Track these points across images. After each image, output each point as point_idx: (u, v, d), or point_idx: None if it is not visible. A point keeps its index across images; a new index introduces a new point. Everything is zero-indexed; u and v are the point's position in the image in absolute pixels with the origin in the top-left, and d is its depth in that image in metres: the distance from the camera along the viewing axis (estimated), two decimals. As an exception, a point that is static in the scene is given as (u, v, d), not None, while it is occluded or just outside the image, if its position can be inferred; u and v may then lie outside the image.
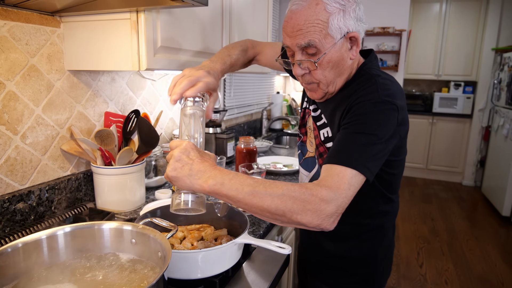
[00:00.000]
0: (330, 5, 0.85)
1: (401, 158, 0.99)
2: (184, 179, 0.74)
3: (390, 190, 1.01)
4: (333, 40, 0.88)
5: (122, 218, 1.18)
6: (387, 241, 1.08)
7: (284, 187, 0.73)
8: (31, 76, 1.09)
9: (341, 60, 0.91)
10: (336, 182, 0.76)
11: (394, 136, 0.86)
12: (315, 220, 0.72)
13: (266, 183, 0.74)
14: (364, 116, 0.84)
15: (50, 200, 1.16)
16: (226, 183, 0.73)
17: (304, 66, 0.93)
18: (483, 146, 5.05)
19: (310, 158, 1.12)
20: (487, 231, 3.72)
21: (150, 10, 1.05)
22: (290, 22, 0.90)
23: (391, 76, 0.97)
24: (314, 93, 1.00)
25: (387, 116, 0.84)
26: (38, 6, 1.05)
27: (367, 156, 0.80)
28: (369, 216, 1.03)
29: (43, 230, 0.70)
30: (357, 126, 0.84)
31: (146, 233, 0.72)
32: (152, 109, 1.65)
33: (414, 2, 5.11)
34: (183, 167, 0.74)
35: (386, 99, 0.85)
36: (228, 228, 1.04)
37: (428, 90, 5.65)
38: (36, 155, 1.13)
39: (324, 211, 0.72)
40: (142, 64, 1.07)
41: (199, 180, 0.74)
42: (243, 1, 1.66)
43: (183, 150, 0.76)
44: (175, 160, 0.75)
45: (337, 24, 0.86)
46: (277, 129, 3.09)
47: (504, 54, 4.48)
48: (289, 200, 0.72)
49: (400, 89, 0.92)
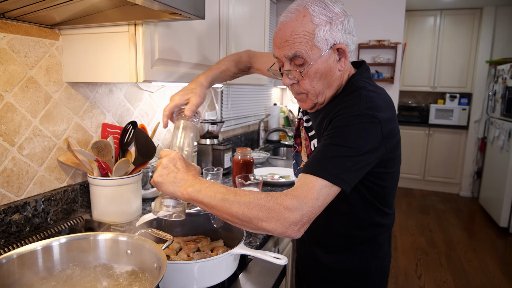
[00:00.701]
0: (316, 17, 0.88)
1: (393, 171, 0.97)
2: (168, 185, 0.81)
3: (382, 202, 1.00)
4: (320, 51, 0.89)
5: (119, 229, 1.18)
6: (382, 254, 1.07)
7: (252, 195, 0.78)
8: (29, 88, 1.10)
9: (328, 71, 0.93)
10: (304, 191, 0.78)
11: (377, 149, 0.86)
12: (279, 227, 0.76)
13: (238, 191, 0.79)
14: (341, 128, 0.85)
15: (46, 211, 1.16)
16: (202, 190, 0.79)
17: (292, 76, 0.95)
18: (479, 157, 5.08)
19: None
20: (485, 242, 3.72)
21: (148, 23, 1.06)
22: (279, 33, 0.92)
23: (381, 88, 0.97)
24: (304, 104, 1.01)
25: (366, 129, 0.84)
26: (38, 19, 1.07)
27: (342, 167, 0.81)
28: (361, 228, 1.02)
29: (38, 242, 0.69)
30: (334, 138, 0.85)
31: (141, 243, 0.72)
32: (149, 120, 1.66)
33: (409, 15, 5.20)
34: (169, 174, 0.82)
35: (366, 112, 0.85)
36: (224, 239, 1.04)
37: (424, 101, 5.70)
38: (33, 166, 1.13)
39: (288, 219, 0.75)
40: (139, 76, 1.08)
41: (180, 187, 0.81)
42: (240, 13, 1.68)
43: (171, 159, 0.84)
44: (162, 167, 0.82)
45: (323, 35, 0.88)
46: (274, 140, 3.10)
47: (498, 66, 4.54)
48: (255, 208, 0.76)
49: (387, 101, 0.92)
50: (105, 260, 0.74)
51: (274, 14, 3.15)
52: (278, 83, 3.32)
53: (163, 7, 0.86)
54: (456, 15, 5.10)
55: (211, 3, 1.42)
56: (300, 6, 0.90)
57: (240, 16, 1.69)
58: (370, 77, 1.01)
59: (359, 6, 3.77)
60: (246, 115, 2.82)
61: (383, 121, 0.85)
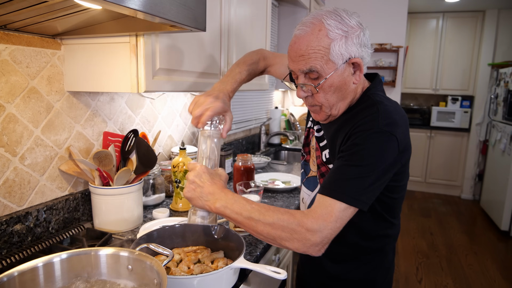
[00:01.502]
0: (332, 31, 0.87)
1: (403, 183, 0.98)
2: (197, 200, 0.88)
3: (390, 213, 1.00)
4: (335, 65, 0.89)
5: (119, 238, 1.18)
6: (387, 264, 1.08)
7: (275, 215, 0.82)
8: (31, 98, 1.11)
9: (343, 85, 0.92)
10: (324, 214, 0.81)
11: (393, 165, 0.87)
12: (302, 247, 0.81)
13: (262, 209, 0.83)
14: (360, 146, 0.85)
15: (48, 220, 1.16)
16: (228, 206, 0.85)
17: (307, 89, 0.94)
18: (481, 160, 5.07)
19: (312, 178, 1.13)
20: (486, 246, 3.71)
21: (149, 34, 1.07)
22: (294, 46, 0.92)
23: (395, 102, 0.97)
24: (317, 115, 1.01)
25: (385, 146, 0.84)
26: (40, 30, 1.07)
27: (361, 188, 0.82)
28: (370, 238, 1.02)
29: (39, 258, 0.70)
30: (353, 157, 0.85)
31: (142, 259, 0.73)
32: (150, 127, 1.66)
33: (411, 18, 5.19)
34: (196, 189, 0.88)
35: (385, 129, 0.85)
36: (224, 249, 1.05)
37: (425, 104, 5.69)
38: (35, 176, 1.14)
39: (310, 240, 0.80)
40: (141, 86, 1.08)
41: (208, 202, 0.87)
42: (241, 16, 1.68)
43: (196, 174, 0.89)
44: (189, 182, 0.89)
45: (338, 50, 0.87)
46: (276, 143, 3.10)
47: (500, 69, 4.53)
48: (278, 228, 0.81)
49: (403, 116, 0.92)
50: (106, 276, 0.75)
51: (276, 17, 3.15)
52: (280, 85, 3.31)
53: (164, 21, 0.86)
54: (458, 18, 5.09)
55: (213, 7, 1.42)
56: (315, 19, 0.89)
57: (242, 19, 1.69)
58: (383, 90, 1.02)
59: (361, 9, 3.76)
60: (248, 118, 2.82)
61: (400, 138, 0.86)
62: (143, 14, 0.80)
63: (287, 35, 3.19)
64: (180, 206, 1.46)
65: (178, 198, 1.45)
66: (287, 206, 1.58)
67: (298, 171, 2.30)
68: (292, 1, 3.00)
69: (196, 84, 1.35)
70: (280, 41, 3.22)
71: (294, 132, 3.13)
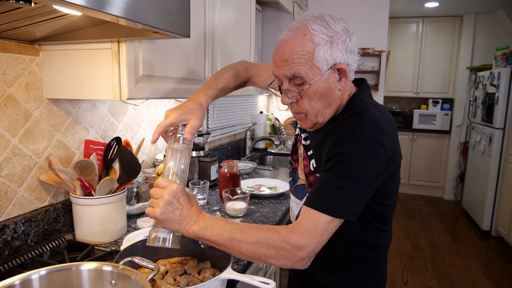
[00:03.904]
0: (317, 36, 0.85)
1: (394, 189, 0.96)
2: (173, 223, 0.81)
3: (382, 221, 0.99)
4: (319, 71, 0.87)
5: (102, 250, 1.15)
6: (379, 273, 1.07)
7: (259, 234, 0.80)
8: (8, 106, 1.06)
9: (328, 91, 0.90)
10: (309, 228, 0.80)
11: (381, 173, 0.86)
12: (288, 263, 0.80)
13: (244, 228, 0.81)
14: (345, 155, 0.83)
15: (26, 233, 1.12)
16: (208, 228, 0.81)
17: (291, 95, 0.93)
18: (462, 161, 5.18)
19: (300, 186, 1.10)
20: (469, 246, 3.78)
21: (132, 40, 1.04)
22: (278, 51, 0.90)
23: (381, 106, 0.95)
24: (303, 123, 0.99)
25: (371, 155, 0.83)
26: (17, 36, 1.04)
27: (346, 199, 0.81)
28: (361, 249, 1.00)
29: (16, 276, 0.67)
30: (337, 167, 0.84)
31: (126, 274, 0.70)
32: (134, 134, 1.63)
33: (392, 22, 5.28)
34: (174, 211, 0.81)
35: (370, 137, 0.83)
36: (211, 259, 1.02)
37: (407, 107, 5.79)
38: (12, 187, 1.10)
39: (296, 256, 0.79)
40: (123, 93, 1.06)
41: (186, 225, 0.82)
42: (225, 21, 1.67)
43: (174, 194, 0.81)
44: (166, 203, 0.80)
45: (323, 55, 0.86)
46: (261, 148, 3.10)
47: (478, 73, 4.65)
48: (263, 247, 0.79)
49: (390, 122, 0.90)
50: (88, 292, 0.72)
51: (260, 22, 3.15)
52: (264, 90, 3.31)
53: (147, 27, 0.84)
54: (437, 22, 5.21)
55: (196, 11, 1.40)
56: (300, 24, 0.88)
57: (226, 24, 1.68)
58: (371, 95, 1.00)
59: (344, 14, 3.80)
60: (233, 124, 2.80)
61: (387, 145, 0.85)
62: (125, 21, 0.78)
63: (271, 40, 3.19)
64: (165, 215, 1.42)
65: (163, 207, 1.42)
66: (274, 212, 1.57)
67: (284, 176, 2.29)
68: (276, 6, 3.01)
69: (180, 90, 1.33)
70: (264, 46, 3.22)
71: (279, 137, 3.13)
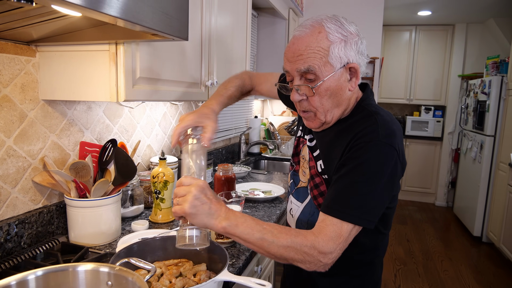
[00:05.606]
0: (332, 34, 0.87)
1: (397, 193, 0.98)
2: (202, 217, 0.80)
3: (385, 225, 1.00)
4: (333, 68, 0.88)
5: (97, 252, 1.14)
6: (376, 278, 1.07)
7: (289, 239, 0.82)
8: (3, 107, 1.06)
9: (339, 90, 0.91)
10: (334, 236, 0.82)
11: (396, 177, 0.88)
12: (313, 267, 0.83)
13: (274, 230, 0.82)
14: (360, 159, 0.85)
15: (20, 235, 1.11)
16: (239, 225, 0.81)
17: (302, 92, 0.93)
18: (453, 168, 5.24)
19: (302, 188, 1.10)
20: (460, 251, 3.81)
21: (130, 42, 1.05)
22: (292, 47, 0.91)
23: (389, 112, 0.97)
24: (311, 123, 0.99)
25: (387, 161, 0.85)
26: (14, 37, 1.03)
27: (368, 207, 0.83)
28: (362, 251, 1.01)
29: (13, 276, 0.66)
30: (356, 174, 0.84)
31: (123, 275, 0.70)
32: (129, 136, 1.62)
33: (385, 30, 5.35)
34: (203, 205, 0.79)
35: (385, 141, 0.85)
36: (207, 262, 1.02)
37: (400, 113, 5.85)
38: (6, 188, 1.09)
39: (321, 262, 0.82)
40: (120, 95, 1.06)
41: (215, 220, 0.81)
42: (222, 25, 1.68)
43: (201, 188, 0.81)
44: (194, 198, 0.79)
45: (337, 53, 0.87)
46: (255, 153, 3.10)
47: (469, 80, 4.72)
48: (292, 251, 0.81)
49: (399, 126, 0.92)
50: (84, 293, 0.71)
51: (255, 27, 3.17)
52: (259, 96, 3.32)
53: (145, 29, 0.85)
54: (430, 31, 5.29)
55: (193, 15, 1.41)
56: (315, 23, 0.90)
57: (222, 28, 1.69)
58: (375, 101, 1.02)
59: (338, 20, 3.83)
60: (227, 128, 2.81)
61: (399, 149, 0.86)
62: (124, 22, 0.78)
63: (266, 45, 3.21)
64: (159, 218, 1.42)
65: (157, 210, 1.42)
66: (269, 216, 1.58)
67: (278, 180, 2.30)
68: (271, 12, 3.04)
69: (176, 93, 1.33)
70: (260, 50, 3.24)
71: (273, 141, 3.14)
